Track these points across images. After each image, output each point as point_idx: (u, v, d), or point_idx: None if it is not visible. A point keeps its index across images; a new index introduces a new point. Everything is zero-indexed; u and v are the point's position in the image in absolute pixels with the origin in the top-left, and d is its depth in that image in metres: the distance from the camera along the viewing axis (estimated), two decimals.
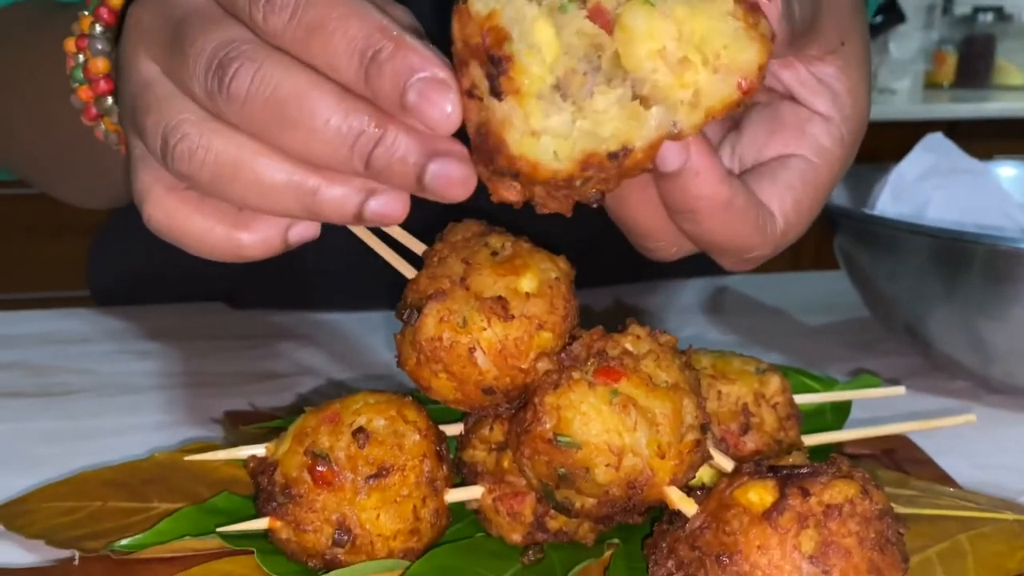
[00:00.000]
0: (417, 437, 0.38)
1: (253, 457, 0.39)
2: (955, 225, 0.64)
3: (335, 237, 0.39)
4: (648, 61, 0.29)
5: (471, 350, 0.37)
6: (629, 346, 0.37)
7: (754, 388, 0.42)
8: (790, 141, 0.38)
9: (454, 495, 0.39)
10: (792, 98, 0.39)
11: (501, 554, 0.38)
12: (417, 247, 0.41)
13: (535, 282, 0.38)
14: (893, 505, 0.39)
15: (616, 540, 0.39)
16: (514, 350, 0.37)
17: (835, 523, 0.31)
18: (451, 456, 0.41)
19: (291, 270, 0.74)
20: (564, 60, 0.29)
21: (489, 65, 0.28)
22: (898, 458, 0.48)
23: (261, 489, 0.38)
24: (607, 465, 0.34)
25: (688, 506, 0.34)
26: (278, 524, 0.37)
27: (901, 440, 0.50)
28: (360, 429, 0.38)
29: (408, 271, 0.41)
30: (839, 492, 0.31)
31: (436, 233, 0.41)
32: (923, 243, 0.57)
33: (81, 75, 0.43)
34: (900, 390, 0.49)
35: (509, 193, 0.31)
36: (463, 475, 0.40)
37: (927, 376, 0.63)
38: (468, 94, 0.30)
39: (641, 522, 0.38)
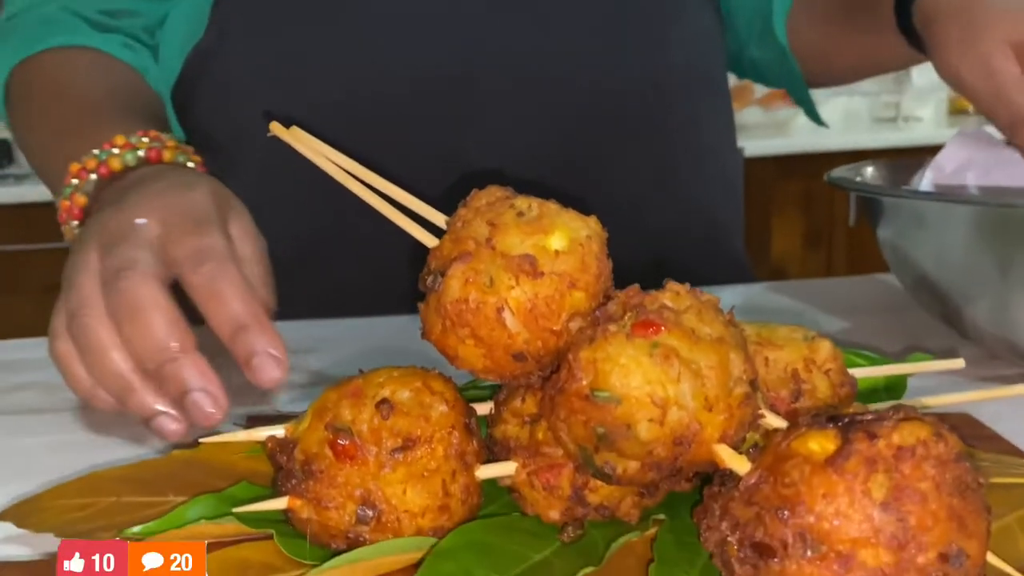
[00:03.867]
0: (445, 408, 0.36)
1: (272, 438, 0.37)
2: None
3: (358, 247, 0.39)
4: None
5: (499, 310, 0.35)
6: (668, 302, 0.34)
7: (804, 354, 0.40)
8: None
9: (486, 471, 0.36)
10: None
11: (538, 533, 0.35)
12: (439, 219, 0.39)
13: (565, 240, 0.36)
14: None
15: (662, 516, 0.36)
16: (545, 310, 0.35)
17: (908, 466, 0.28)
18: (482, 435, 0.38)
19: (317, 283, 0.73)
20: None
21: None
22: (963, 435, 0.44)
23: (280, 468, 0.36)
24: (650, 420, 0.31)
25: (741, 464, 0.31)
26: (298, 503, 0.34)
27: (965, 419, 0.47)
28: (384, 400, 0.35)
29: (431, 241, 0.39)
30: (910, 434, 0.28)
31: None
32: (971, 215, 0.54)
33: (68, 193, 0.52)
34: (959, 363, 0.45)
35: None
36: (495, 453, 0.38)
37: (986, 366, 0.59)
38: None
39: (689, 489, 0.35)
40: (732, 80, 0.92)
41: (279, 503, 0.35)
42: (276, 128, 0.43)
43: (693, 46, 0.81)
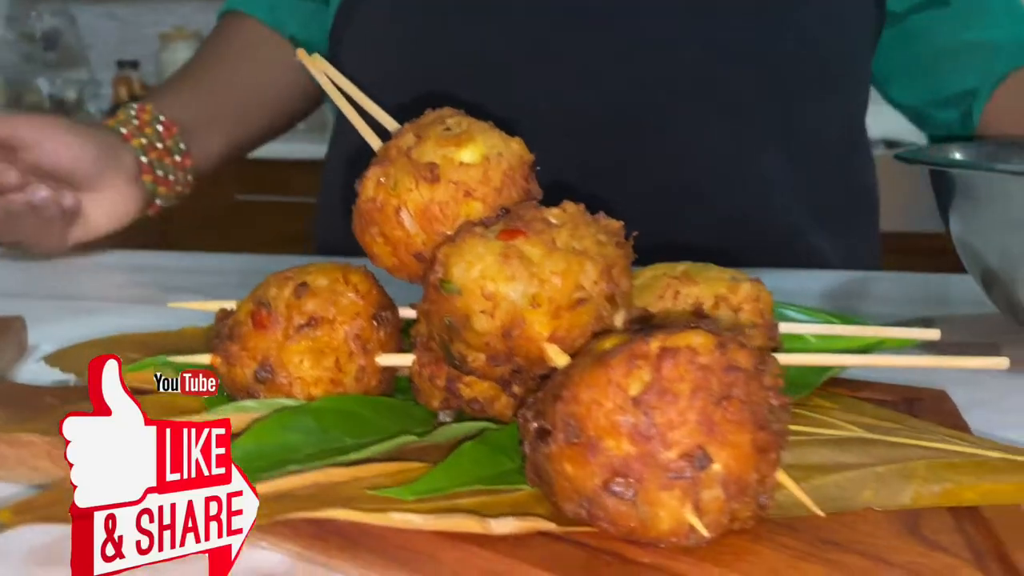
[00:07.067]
0: (354, 297, 0.40)
1: (223, 308, 0.43)
2: None
3: None
4: None
5: (397, 210, 0.38)
6: (553, 218, 0.36)
7: (717, 292, 0.40)
8: None
9: (385, 359, 0.40)
10: None
11: (417, 416, 0.39)
12: (392, 126, 0.43)
13: (475, 155, 0.39)
14: (859, 432, 0.35)
15: None
16: (438, 214, 0.38)
17: (668, 367, 0.28)
18: (400, 332, 0.42)
19: None
20: None
21: None
22: (918, 408, 0.42)
23: (216, 332, 0.41)
24: (482, 311, 0.34)
25: (563, 361, 0.33)
26: (217, 360, 0.40)
27: (936, 393, 0.44)
28: (303, 284, 0.40)
29: (378, 145, 0.43)
30: (683, 339, 0.29)
31: None
32: None
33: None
34: (935, 333, 0.43)
35: None
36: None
37: None
38: None
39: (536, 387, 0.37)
40: None
41: (204, 358, 0.40)
42: (301, 54, 0.49)
43: (814, 30, 0.79)
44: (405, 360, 0.40)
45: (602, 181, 0.79)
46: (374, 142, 0.43)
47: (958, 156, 0.62)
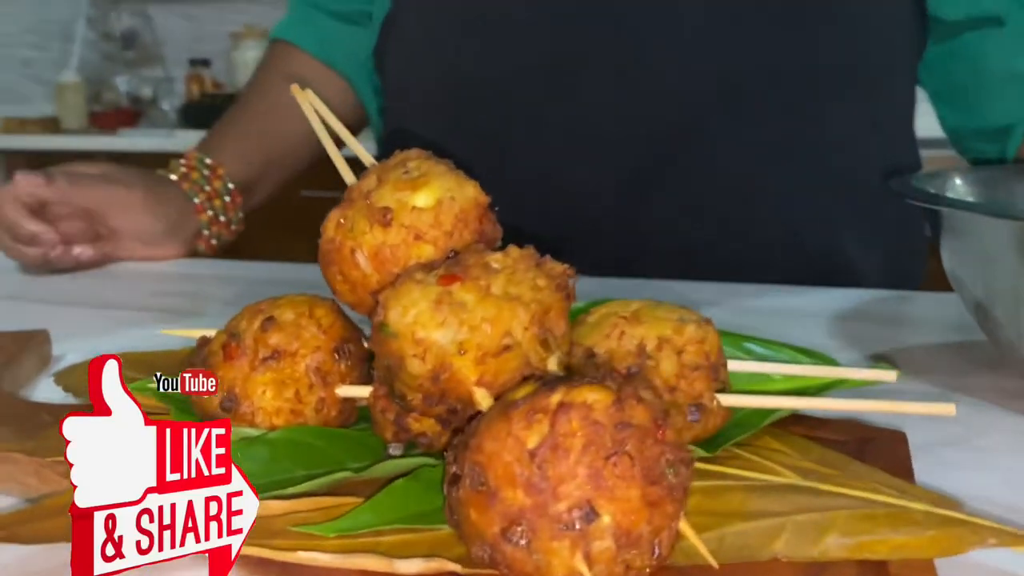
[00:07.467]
0: (316, 331, 0.42)
1: (203, 337, 0.45)
2: None
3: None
4: None
5: (353, 251, 0.40)
6: (495, 263, 0.38)
7: (661, 333, 0.40)
8: None
9: (345, 391, 0.42)
10: None
11: (371, 447, 0.41)
12: (370, 163, 0.45)
13: (429, 199, 0.41)
14: (791, 478, 0.36)
15: None
16: (390, 256, 0.40)
17: (562, 422, 0.30)
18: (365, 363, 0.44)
19: None
20: None
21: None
22: (870, 449, 0.42)
23: (191, 360, 0.44)
24: (414, 355, 0.35)
25: (489, 404, 0.34)
26: None
27: (892, 435, 0.44)
28: (270, 318, 0.42)
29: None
30: (579, 394, 0.30)
31: None
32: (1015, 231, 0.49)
33: None
34: (891, 375, 0.43)
35: None
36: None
37: None
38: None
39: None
40: None
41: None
42: (295, 90, 0.51)
43: (842, 42, 0.78)
44: (363, 392, 0.42)
45: (627, 193, 0.80)
46: (350, 180, 0.45)
47: (958, 182, 0.61)
